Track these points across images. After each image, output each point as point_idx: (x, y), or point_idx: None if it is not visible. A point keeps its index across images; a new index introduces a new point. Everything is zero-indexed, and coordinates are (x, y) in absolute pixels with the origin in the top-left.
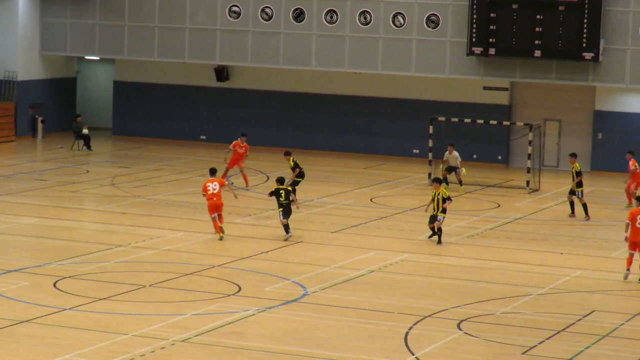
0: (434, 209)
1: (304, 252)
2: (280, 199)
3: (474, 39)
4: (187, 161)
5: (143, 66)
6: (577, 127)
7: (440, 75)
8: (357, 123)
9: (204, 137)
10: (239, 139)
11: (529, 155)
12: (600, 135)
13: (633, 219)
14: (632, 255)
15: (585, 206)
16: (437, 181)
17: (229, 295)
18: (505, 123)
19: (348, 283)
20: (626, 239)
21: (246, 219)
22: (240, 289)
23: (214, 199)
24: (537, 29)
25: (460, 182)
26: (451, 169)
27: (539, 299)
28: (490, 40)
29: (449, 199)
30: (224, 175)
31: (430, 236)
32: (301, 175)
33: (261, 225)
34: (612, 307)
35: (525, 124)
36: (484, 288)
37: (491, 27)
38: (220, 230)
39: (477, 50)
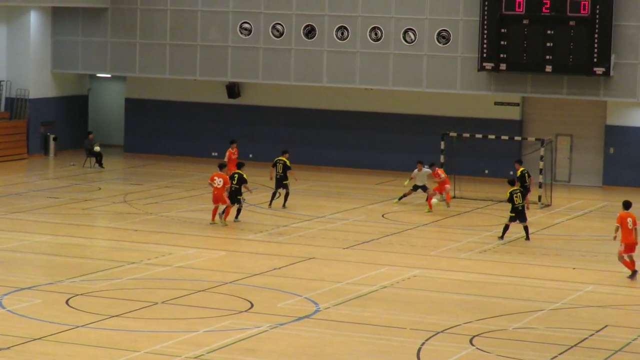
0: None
1: (316, 268)
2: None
3: (485, 55)
4: (199, 178)
5: (154, 83)
6: (589, 142)
7: (452, 91)
8: (369, 139)
9: (216, 154)
10: (230, 149)
11: (541, 170)
12: (612, 150)
13: (622, 222)
14: (622, 260)
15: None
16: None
17: (241, 311)
18: (517, 138)
19: (360, 299)
20: (614, 238)
21: (258, 235)
22: (252, 305)
23: (215, 192)
24: (548, 44)
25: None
26: (417, 187)
27: (551, 314)
28: (501, 55)
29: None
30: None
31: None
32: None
33: (273, 241)
34: (625, 322)
35: (536, 139)
36: (497, 303)
37: (502, 42)
38: (215, 217)
39: (488, 65)
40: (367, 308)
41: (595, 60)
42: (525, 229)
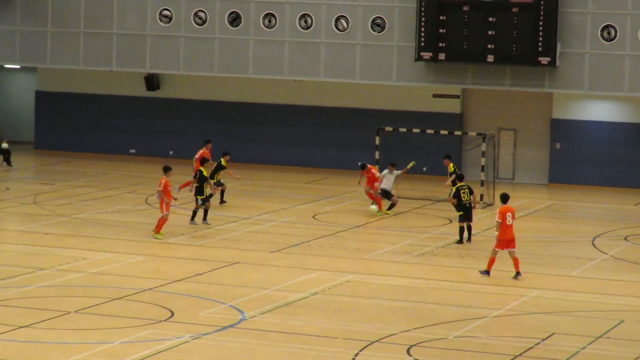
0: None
1: (242, 273)
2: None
3: (422, 43)
4: (116, 176)
5: (67, 75)
6: (534, 137)
7: (387, 83)
8: (299, 134)
9: (134, 151)
10: (204, 148)
11: (483, 167)
12: (558, 145)
13: (503, 217)
14: (495, 255)
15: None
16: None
17: (161, 321)
18: (457, 133)
19: (289, 306)
20: (497, 237)
21: (179, 238)
22: (172, 314)
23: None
24: (489, 32)
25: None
26: (386, 194)
27: (494, 322)
28: (440, 44)
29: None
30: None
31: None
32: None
33: (195, 245)
34: (573, 330)
35: (478, 134)
36: (435, 310)
37: (441, 30)
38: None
39: (426, 55)
40: (297, 316)
41: (540, 49)
42: (469, 228)
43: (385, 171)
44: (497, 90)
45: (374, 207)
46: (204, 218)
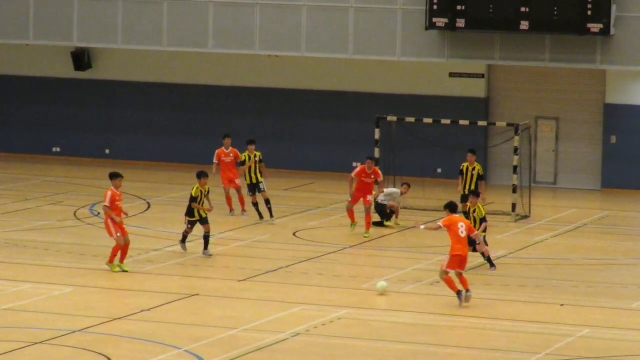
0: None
1: (201, 308)
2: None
3: (435, 7)
4: (35, 183)
5: None
6: (581, 128)
7: (389, 58)
8: (275, 126)
9: (58, 150)
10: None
11: (515, 167)
12: (613, 139)
13: (452, 227)
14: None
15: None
16: (474, 194)
17: None
18: (481, 123)
19: (263, 351)
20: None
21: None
22: None
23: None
24: None
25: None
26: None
27: None
28: (458, 7)
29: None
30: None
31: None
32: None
33: (140, 272)
34: None
35: (508, 124)
36: (454, 355)
37: None
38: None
39: (440, 21)
40: None
41: (589, 13)
42: (483, 255)
43: (397, 191)
44: (533, 67)
45: (383, 284)
46: (205, 247)
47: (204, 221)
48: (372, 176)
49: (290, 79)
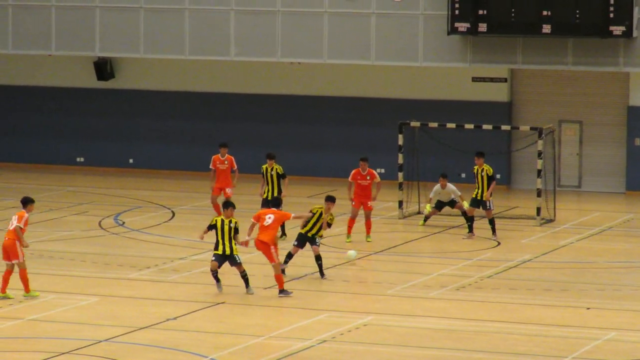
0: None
1: (227, 317)
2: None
3: (457, 12)
4: (60, 193)
5: None
6: (605, 131)
7: (412, 64)
8: (297, 134)
9: (82, 160)
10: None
11: (539, 172)
12: (637, 141)
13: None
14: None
15: (492, 222)
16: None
17: None
18: (505, 128)
19: (289, 359)
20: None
21: (143, 272)
22: None
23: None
24: None
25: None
26: (442, 205)
27: None
28: (480, 12)
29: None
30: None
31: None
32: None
33: (165, 281)
34: None
35: (532, 129)
36: None
37: None
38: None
39: (462, 26)
40: None
41: (611, 15)
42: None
43: (437, 186)
44: (556, 71)
45: (352, 252)
46: (246, 285)
47: (233, 261)
48: (368, 178)
49: (313, 87)
